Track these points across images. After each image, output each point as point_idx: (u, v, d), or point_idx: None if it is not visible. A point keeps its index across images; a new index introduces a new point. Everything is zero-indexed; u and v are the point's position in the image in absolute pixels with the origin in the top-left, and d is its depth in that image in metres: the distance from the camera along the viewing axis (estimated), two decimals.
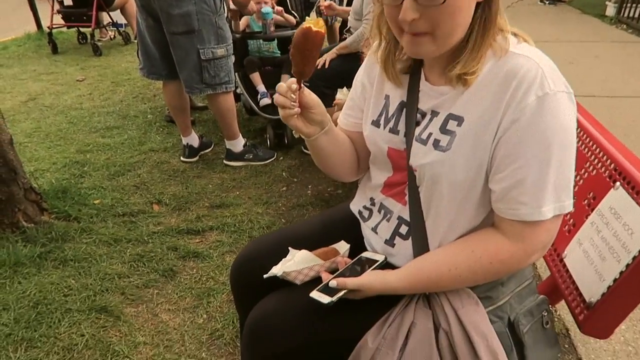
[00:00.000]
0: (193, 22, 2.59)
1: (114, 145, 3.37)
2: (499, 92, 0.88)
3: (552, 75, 0.87)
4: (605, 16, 6.96)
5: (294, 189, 2.83)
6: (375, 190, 1.15)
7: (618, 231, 1.09)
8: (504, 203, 0.91)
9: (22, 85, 4.72)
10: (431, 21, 0.86)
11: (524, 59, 0.88)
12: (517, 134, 0.86)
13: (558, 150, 0.86)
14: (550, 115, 0.85)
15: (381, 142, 1.08)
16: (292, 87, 0.96)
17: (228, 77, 2.83)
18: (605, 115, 3.80)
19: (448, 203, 0.97)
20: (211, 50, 2.68)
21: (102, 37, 6.38)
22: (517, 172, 0.88)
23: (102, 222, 2.47)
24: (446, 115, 0.95)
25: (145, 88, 4.49)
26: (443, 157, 0.94)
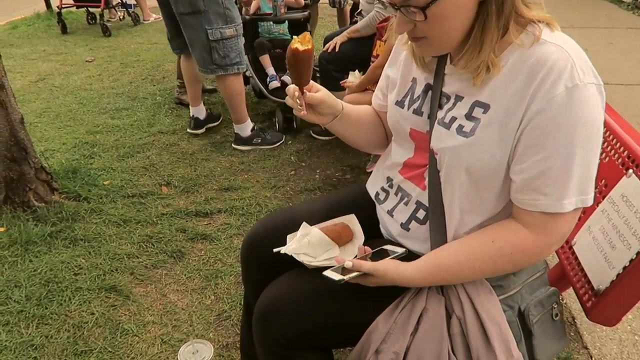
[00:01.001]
0: (198, 3, 2.60)
1: (123, 126, 3.38)
2: (526, 81, 0.87)
3: (582, 65, 0.85)
4: (622, 2, 6.83)
5: (302, 173, 2.83)
6: (393, 169, 1.14)
7: (629, 219, 1.08)
8: (524, 194, 0.90)
9: (32, 65, 4.73)
10: (423, 30, 0.90)
11: (554, 47, 0.86)
12: (543, 124, 0.85)
13: (584, 144, 0.85)
14: (579, 108, 0.83)
15: (404, 123, 1.09)
16: (295, 94, 1.04)
17: (239, 58, 2.82)
18: (619, 104, 3.74)
19: (467, 190, 0.97)
20: (219, 30, 2.68)
21: (112, 18, 6.36)
22: (540, 163, 0.87)
23: (111, 202, 2.49)
24: (473, 101, 0.94)
25: (155, 70, 4.49)
26: (465, 142, 0.93)
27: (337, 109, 1.11)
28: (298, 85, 1.04)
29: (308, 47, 0.99)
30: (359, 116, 1.21)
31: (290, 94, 1.06)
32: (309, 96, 1.05)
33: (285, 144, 3.14)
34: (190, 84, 3.18)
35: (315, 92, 1.06)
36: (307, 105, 1.06)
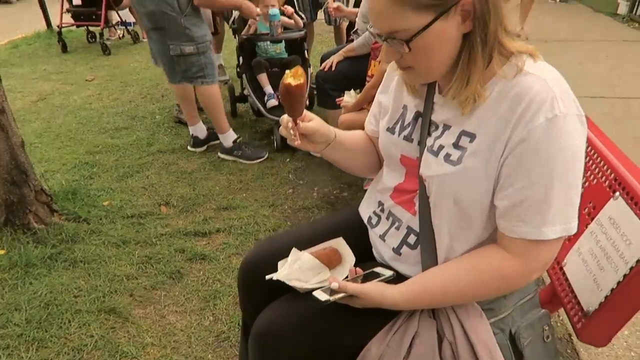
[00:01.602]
0: (158, 21, 2.76)
1: (123, 146, 3.41)
2: (509, 111, 0.89)
3: (563, 96, 0.87)
4: (617, 14, 6.90)
5: (300, 191, 2.85)
6: (384, 193, 1.17)
7: (616, 241, 1.10)
8: (506, 220, 0.93)
9: (33, 85, 4.79)
10: (409, 60, 0.94)
11: (536, 78, 0.89)
12: (524, 154, 0.88)
13: (564, 173, 0.87)
14: (559, 138, 0.86)
15: (395, 149, 1.12)
16: (288, 125, 1.07)
17: (202, 73, 2.95)
18: (616, 117, 3.78)
19: (455, 216, 0.99)
20: (179, 47, 2.83)
21: (111, 36, 6.44)
22: (521, 192, 0.89)
23: (111, 223, 2.51)
24: (460, 131, 0.97)
25: (154, 88, 4.54)
26: (452, 170, 0.96)
27: (330, 137, 1.14)
28: (291, 117, 1.07)
29: (300, 82, 1.02)
30: (352, 142, 1.24)
31: (284, 125, 1.09)
32: (302, 126, 1.08)
33: (283, 162, 3.17)
34: (183, 103, 3.25)
35: (308, 122, 1.09)
36: (300, 135, 1.08)
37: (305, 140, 1.11)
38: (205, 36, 2.89)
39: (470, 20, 0.88)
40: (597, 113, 3.81)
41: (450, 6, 0.86)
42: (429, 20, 0.87)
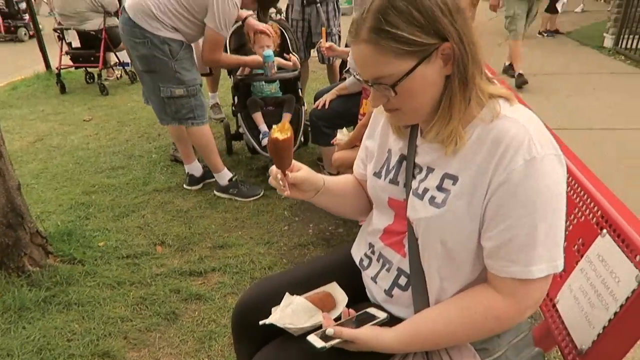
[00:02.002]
0: (150, 64, 2.81)
1: (119, 185, 3.43)
2: (488, 155, 0.92)
3: (540, 138, 0.91)
4: (604, 47, 7.08)
5: (295, 228, 2.86)
6: (374, 235, 1.19)
7: (606, 279, 1.11)
8: (494, 260, 0.95)
9: (31, 126, 4.83)
10: (395, 103, 0.97)
11: (512, 122, 0.92)
12: (505, 195, 0.90)
13: (546, 212, 0.89)
14: (538, 179, 0.89)
15: (382, 193, 1.14)
16: (277, 176, 1.09)
17: (192, 114, 2.99)
18: (605, 148, 3.84)
19: (444, 258, 1.01)
20: (170, 89, 2.88)
21: (109, 77, 6.54)
22: (505, 232, 0.91)
23: (106, 264, 2.51)
24: (442, 174, 1.00)
25: (151, 127, 4.59)
26: (438, 213, 0.98)
27: (319, 185, 1.17)
28: (280, 169, 1.09)
29: (287, 136, 1.06)
30: (341, 187, 1.27)
31: (273, 176, 1.11)
32: (291, 177, 1.10)
33: (278, 199, 3.19)
34: (178, 143, 3.29)
35: (297, 172, 1.12)
36: (290, 185, 1.11)
37: (295, 189, 1.13)
38: (195, 80, 2.95)
39: (451, 64, 0.93)
40: (586, 145, 3.87)
41: (431, 51, 0.91)
42: (412, 66, 0.91)
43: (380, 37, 0.90)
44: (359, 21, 0.93)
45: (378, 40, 0.90)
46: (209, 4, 2.70)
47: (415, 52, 0.90)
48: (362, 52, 0.93)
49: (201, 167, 3.36)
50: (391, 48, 0.90)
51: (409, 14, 0.89)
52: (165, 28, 2.73)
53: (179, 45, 2.81)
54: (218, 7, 2.70)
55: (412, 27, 0.89)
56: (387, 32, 0.89)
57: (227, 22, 2.80)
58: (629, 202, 1.18)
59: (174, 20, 2.73)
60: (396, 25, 0.89)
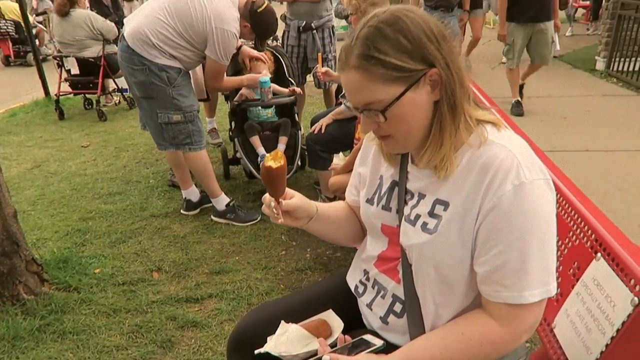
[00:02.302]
0: (148, 90, 2.84)
1: (116, 211, 3.43)
2: (478, 180, 0.94)
3: (527, 163, 0.92)
4: (596, 70, 7.16)
5: (292, 252, 2.85)
6: (369, 262, 1.19)
7: (601, 303, 1.11)
8: (487, 285, 0.95)
9: (28, 153, 4.85)
10: (386, 129, 0.98)
11: (500, 148, 0.94)
12: (496, 220, 0.91)
13: (536, 236, 0.90)
14: (527, 203, 0.90)
15: (375, 219, 1.15)
16: (271, 205, 1.10)
17: (189, 140, 3.01)
18: (600, 170, 3.86)
19: (437, 284, 1.01)
20: (167, 115, 2.91)
21: (108, 103, 6.59)
22: (497, 257, 0.92)
23: (102, 291, 2.49)
24: (434, 199, 1.01)
25: (148, 153, 4.61)
26: (430, 239, 0.98)
27: (312, 212, 1.18)
28: (274, 197, 1.10)
29: (280, 164, 1.06)
30: (334, 214, 1.27)
31: (267, 204, 1.12)
32: (284, 204, 1.11)
33: (275, 224, 3.17)
34: (175, 168, 3.31)
35: (290, 199, 1.12)
36: (283, 212, 1.11)
37: (288, 216, 1.14)
38: (192, 106, 2.97)
39: (439, 90, 0.95)
40: (582, 166, 3.90)
41: (419, 77, 0.93)
42: (401, 91, 0.93)
43: (369, 64, 0.92)
44: (348, 49, 0.96)
45: (367, 67, 0.92)
46: (208, 36, 2.76)
47: (403, 77, 0.92)
48: (352, 79, 0.95)
49: (198, 192, 3.37)
50: (380, 74, 0.92)
51: (397, 41, 0.91)
52: (163, 55, 2.77)
53: (177, 73, 2.84)
54: (218, 38, 2.75)
55: (400, 54, 0.91)
56: (376, 58, 0.91)
57: (227, 53, 2.87)
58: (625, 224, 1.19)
59: (172, 49, 2.77)
60: (384, 51, 0.91)
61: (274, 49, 3.87)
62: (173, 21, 2.71)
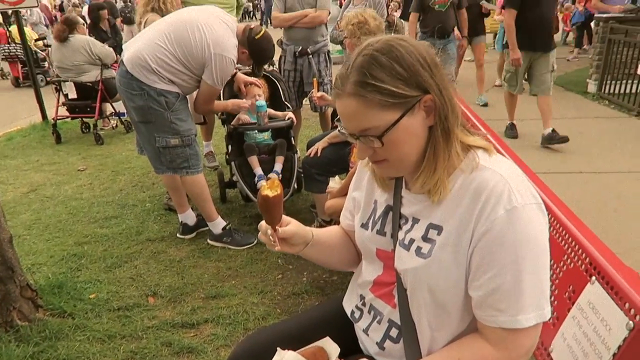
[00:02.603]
0: (146, 115, 2.87)
1: (112, 235, 3.42)
2: (471, 205, 0.95)
3: (519, 188, 0.94)
4: (588, 93, 7.26)
5: (289, 276, 2.84)
6: (364, 287, 1.19)
7: (597, 326, 1.11)
8: (482, 310, 0.96)
9: (25, 176, 4.85)
10: (382, 154, 1.00)
11: (491, 173, 0.96)
12: (489, 245, 0.92)
13: (530, 260, 0.91)
14: (520, 228, 0.91)
15: (370, 244, 1.16)
16: (267, 232, 1.11)
17: (187, 164, 3.03)
18: (594, 191, 3.89)
19: (433, 308, 1.02)
20: (165, 139, 2.93)
21: (105, 126, 6.62)
22: (491, 281, 0.93)
23: (96, 317, 2.46)
24: (427, 224, 1.02)
25: (145, 176, 4.61)
26: (424, 264, 0.99)
27: (308, 238, 1.18)
28: (270, 225, 1.11)
29: (277, 193, 1.08)
30: (330, 239, 1.28)
31: (263, 232, 1.13)
32: (281, 232, 1.11)
33: None
34: (172, 192, 3.31)
35: (286, 226, 1.13)
36: (279, 239, 1.12)
37: (285, 243, 1.14)
38: (190, 130, 3.00)
39: (433, 115, 0.97)
40: (576, 188, 3.93)
41: (414, 103, 0.95)
42: (397, 117, 0.95)
43: (365, 91, 0.94)
44: (343, 77, 0.98)
45: (363, 94, 0.94)
46: (207, 62, 2.80)
47: (399, 104, 0.95)
48: (348, 106, 0.97)
49: (195, 216, 3.37)
50: (376, 101, 0.94)
51: (392, 69, 0.94)
52: (162, 81, 2.80)
53: (175, 97, 2.88)
54: (216, 65, 2.80)
55: (395, 81, 0.94)
56: (373, 85, 0.94)
57: (223, 78, 2.93)
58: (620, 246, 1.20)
59: (171, 74, 2.81)
60: (381, 79, 0.94)
61: (271, 74, 3.93)
62: (172, 47, 2.76)
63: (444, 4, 5.62)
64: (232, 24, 2.92)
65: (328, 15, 4.25)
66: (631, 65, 6.30)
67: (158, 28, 2.84)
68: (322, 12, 4.12)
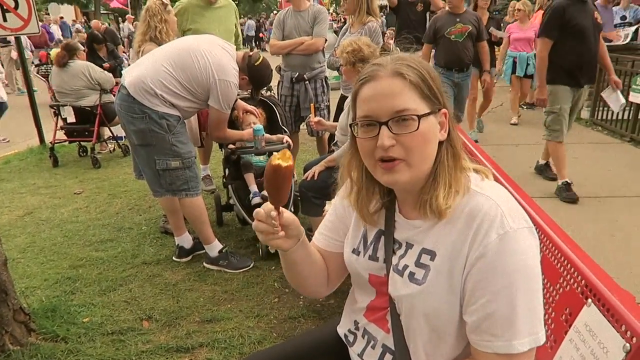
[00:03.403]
0: (147, 138, 2.89)
1: (107, 258, 3.39)
2: (464, 229, 0.96)
3: (511, 213, 0.95)
4: (581, 119, 7.36)
5: (285, 300, 2.82)
6: (358, 313, 1.19)
7: (594, 349, 1.11)
8: (477, 335, 0.95)
9: (20, 200, 4.83)
10: (405, 147, 0.97)
11: (484, 198, 0.97)
12: (482, 270, 0.93)
13: (523, 284, 0.91)
14: (512, 252, 0.92)
15: (362, 270, 1.14)
16: (271, 214, 1.02)
17: (187, 186, 3.04)
18: (589, 216, 3.91)
19: (427, 333, 1.01)
20: (166, 162, 2.94)
21: (102, 150, 6.64)
22: (485, 306, 0.93)
23: (90, 341, 2.43)
24: (420, 249, 1.02)
25: (141, 200, 4.61)
26: (419, 290, 0.99)
27: (301, 232, 1.12)
28: (276, 204, 1.02)
29: (289, 163, 1.00)
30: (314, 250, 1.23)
31: (264, 215, 1.02)
32: (285, 215, 1.05)
33: (269, 270, 3.17)
34: (170, 214, 3.30)
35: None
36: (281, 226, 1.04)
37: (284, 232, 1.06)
38: (190, 152, 3.02)
39: (445, 131, 1.01)
40: (572, 212, 3.95)
41: (438, 108, 1.00)
42: (429, 111, 0.98)
43: (409, 72, 0.98)
44: (385, 61, 1.01)
45: (407, 75, 0.97)
46: (211, 87, 2.87)
47: (430, 100, 0.99)
48: (390, 85, 0.98)
49: (191, 239, 3.36)
50: (417, 85, 0.97)
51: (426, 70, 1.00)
52: (164, 104, 2.84)
53: (176, 120, 2.91)
54: (220, 89, 2.88)
55: (429, 79, 0.99)
56: (416, 70, 0.98)
57: (229, 102, 2.99)
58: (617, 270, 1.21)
59: (174, 98, 2.86)
60: (420, 68, 1.00)
61: (268, 99, 3.98)
62: (176, 72, 2.82)
63: (461, 34, 5.06)
64: (232, 50, 3.00)
65: (324, 43, 4.33)
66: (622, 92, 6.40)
67: (161, 54, 2.90)
68: (318, 39, 4.20)
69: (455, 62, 5.12)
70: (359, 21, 4.12)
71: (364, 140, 1.01)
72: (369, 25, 4.04)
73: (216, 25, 4.06)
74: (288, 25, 4.26)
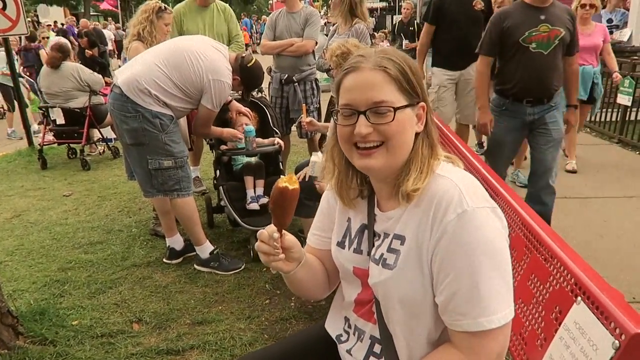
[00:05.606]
0: (140, 137, 2.88)
1: (97, 261, 3.36)
2: (426, 212, 0.98)
3: (470, 192, 0.96)
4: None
5: (277, 301, 2.81)
6: (348, 309, 1.19)
7: (584, 347, 1.12)
8: (447, 315, 0.97)
9: (8, 202, 4.78)
10: (383, 134, 1.00)
11: (443, 179, 1.00)
12: (444, 250, 0.95)
13: (485, 262, 0.92)
14: (472, 230, 0.93)
15: (346, 263, 1.16)
16: (274, 236, 1.04)
17: (178, 186, 3.02)
18: (579, 217, 3.94)
19: (405, 318, 1.03)
20: (158, 161, 2.93)
21: (92, 152, 6.58)
22: (450, 285, 0.94)
23: (79, 344, 2.40)
24: (392, 235, 1.04)
25: (131, 202, 4.58)
26: (390, 275, 1.01)
27: (302, 254, 1.15)
28: (279, 226, 1.03)
29: (296, 187, 1.02)
30: (314, 261, 1.25)
31: (267, 237, 1.04)
32: (287, 237, 1.07)
33: (259, 272, 3.15)
34: (161, 216, 3.29)
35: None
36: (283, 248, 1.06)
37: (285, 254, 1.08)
38: (183, 152, 3.02)
39: (422, 123, 1.04)
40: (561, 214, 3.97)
41: (416, 102, 1.02)
42: (406, 104, 1.01)
43: (391, 67, 1.00)
44: (368, 54, 1.04)
45: (389, 69, 1.00)
46: (205, 87, 2.87)
47: (409, 94, 1.01)
48: (370, 77, 1.01)
49: (183, 241, 3.33)
50: (397, 79, 1.00)
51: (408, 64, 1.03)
52: (157, 103, 2.84)
53: (169, 120, 2.90)
54: (215, 90, 2.88)
55: (410, 73, 1.02)
56: (397, 64, 1.01)
57: (221, 102, 3.01)
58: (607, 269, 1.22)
59: (167, 98, 2.85)
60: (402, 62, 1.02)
61: (259, 100, 3.97)
62: (170, 72, 2.81)
63: (550, 43, 2.98)
64: (224, 51, 3.01)
65: (314, 46, 4.34)
66: (610, 94, 6.48)
67: (155, 53, 2.90)
68: (308, 41, 4.21)
69: (533, 89, 3.07)
70: (346, 23, 4.13)
71: (343, 127, 1.05)
72: (356, 27, 4.05)
73: (208, 28, 4.08)
74: (280, 26, 4.26)
